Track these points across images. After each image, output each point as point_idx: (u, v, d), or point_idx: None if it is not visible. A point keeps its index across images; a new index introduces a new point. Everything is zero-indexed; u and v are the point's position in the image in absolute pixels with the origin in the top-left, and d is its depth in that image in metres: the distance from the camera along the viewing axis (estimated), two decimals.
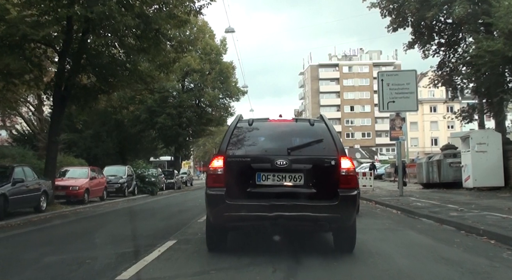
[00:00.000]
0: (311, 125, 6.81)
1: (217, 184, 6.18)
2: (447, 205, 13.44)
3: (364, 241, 7.29)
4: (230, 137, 6.50)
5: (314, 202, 6.03)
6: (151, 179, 27.99)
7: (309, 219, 6.08)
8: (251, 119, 6.97)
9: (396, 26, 24.17)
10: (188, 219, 11.20)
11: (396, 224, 10.36)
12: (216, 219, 6.31)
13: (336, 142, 6.37)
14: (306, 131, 6.78)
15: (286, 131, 6.78)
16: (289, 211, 5.96)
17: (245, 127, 6.72)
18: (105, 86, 17.97)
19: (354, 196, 6.26)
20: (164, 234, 8.58)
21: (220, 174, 6.17)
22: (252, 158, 6.23)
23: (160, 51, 16.89)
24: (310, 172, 6.11)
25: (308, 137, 6.56)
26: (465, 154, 20.66)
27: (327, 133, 6.50)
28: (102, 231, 9.53)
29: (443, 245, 7.31)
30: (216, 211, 6.22)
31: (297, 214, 5.97)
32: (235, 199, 6.04)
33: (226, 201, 6.03)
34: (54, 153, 17.00)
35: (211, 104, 40.24)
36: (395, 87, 18.50)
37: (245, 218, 6.09)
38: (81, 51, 16.55)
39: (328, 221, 6.12)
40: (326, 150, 6.32)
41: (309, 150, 6.35)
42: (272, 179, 6.11)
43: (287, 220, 6.00)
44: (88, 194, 19.18)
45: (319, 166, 6.19)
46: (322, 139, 6.43)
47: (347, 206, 6.12)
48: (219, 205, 6.10)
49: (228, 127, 7.03)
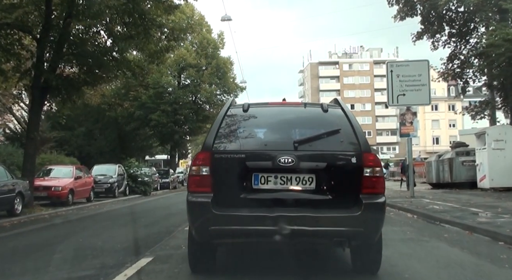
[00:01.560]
0: (325, 111, 5.25)
1: (202, 188, 4.73)
2: (469, 209, 11.96)
3: (388, 258, 5.75)
4: (219, 128, 4.97)
5: (330, 212, 4.61)
6: (144, 178, 26.54)
7: (322, 235, 4.67)
8: (246, 103, 5.43)
9: (404, 15, 22.70)
10: (175, 226, 9.66)
11: (419, 232, 8.84)
12: (200, 234, 4.82)
13: (357, 133, 4.86)
14: (319, 119, 5.26)
15: (292, 119, 5.30)
16: (298, 224, 4.52)
17: (239, 115, 5.20)
18: (89, 77, 16.47)
19: (382, 204, 4.77)
20: (140, 247, 7.04)
21: (205, 175, 4.72)
22: (248, 154, 4.77)
23: (150, 39, 15.44)
24: (324, 173, 4.69)
25: (321, 127, 5.05)
26: (480, 152, 19.12)
27: (346, 122, 4.99)
28: (66, 243, 7.94)
29: (490, 264, 5.81)
30: (200, 224, 4.74)
31: (307, 229, 4.53)
32: (224, 208, 4.60)
33: (213, 210, 4.58)
34: (33, 150, 15.45)
35: (208, 101, 38.70)
36: (405, 79, 16.95)
37: (237, 233, 4.63)
38: (63, 39, 15.09)
39: (347, 237, 4.67)
40: (345, 143, 4.86)
41: (323, 144, 4.87)
42: (273, 182, 4.70)
43: (293, 236, 4.57)
44: (73, 195, 17.65)
45: (336, 165, 4.76)
46: (339, 130, 4.94)
47: (372, 217, 4.64)
48: (203, 215, 4.65)
49: (217, 115, 5.42)
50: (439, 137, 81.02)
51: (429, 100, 17.30)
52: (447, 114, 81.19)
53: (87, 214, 14.74)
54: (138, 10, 14.53)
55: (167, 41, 16.31)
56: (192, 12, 36.80)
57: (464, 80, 23.86)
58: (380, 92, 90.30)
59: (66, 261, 6.22)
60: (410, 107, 17.29)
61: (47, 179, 17.81)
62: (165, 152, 45.66)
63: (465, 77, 23.66)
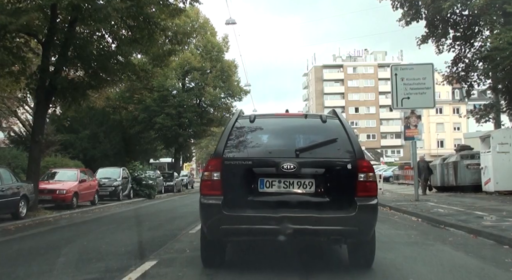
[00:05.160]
0: (323, 122, 5.84)
1: (213, 192, 5.33)
2: (474, 212, 11.94)
3: (393, 261, 5.77)
4: (228, 137, 5.59)
5: (328, 213, 5.18)
6: (148, 181, 26.49)
7: (321, 233, 5.31)
8: (253, 114, 6.14)
9: (409, 19, 22.62)
10: (179, 229, 9.66)
11: (423, 236, 8.82)
12: (211, 233, 5.44)
13: (352, 142, 5.48)
14: (318, 129, 5.86)
15: (294, 129, 5.92)
16: (298, 224, 5.09)
17: (246, 125, 5.82)
18: (94, 81, 16.48)
19: (375, 206, 5.33)
20: (145, 250, 7.04)
21: (216, 180, 5.32)
22: (254, 161, 5.36)
23: (154, 43, 15.47)
24: (323, 178, 5.27)
25: (320, 136, 5.65)
26: (485, 155, 19.06)
27: (342, 131, 5.59)
28: (70, 247, 7.94)
29: (495, 269, 5.78)
30: (212, 223, 5.36)
31: (307, 228, 5.13)
32: (233, 210, 5.19)
33: (223, 211, 5.18)
34: (37, 153, 15.48)
35: (212, 104, 38.63)
36: (410, 82, 16.95)
37: (245, 231, 5.25)
38: (68, 42, 15.16)
39: (343, 235, 5.31)
40: (341, 151, 5.47)
41: (322, 152, 5.45)
42: (277, 186, 5.27)
43: (295, 234, 5.14)
44: (77, 198, 17.67)
45: (333, 171, 5.34)
46: (336, 139, 5.54)
47: (366, 218, 5.23)
48: (214, 216, 5.25)
49: (226, 125, 6.09)
50: (444, 140, 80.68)
51: (433, 103, 17.26)
52: (451, 117, 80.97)
53: (92, 217, 14.76)
54: (142, 13, 14.57)
55: (171, 44, 16.31)
56: (197, 16, 36.87)
57: (468, 83, 23.76)
58: (385, 95, 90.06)
59: (70, 264, 6.24)
60: (415, 110, 17.26)
61: (52, 182, 17.86)
62: (170, 155, 45.62)
63: (470, 80, 23.56)
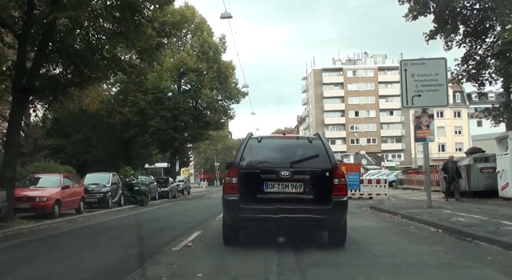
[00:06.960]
0: (310, 142, 8.21)
1: (232, 191, 7.54)
2: (501, 222, 10.51)
3: None
4: (243, 152, 7.79)
5: (312, 206, 7.42)
6: (140, 187, 24.93)
7: (308, 220, 7.48)
8: (260, 136, 8.44)
9: (416, 13, 21.25)
10: (161, 245, 8.11)
11: (455, 254, 7.32)
12: (231, 220, 7.74)
13: (330, 157, 7.71)
14: (306, 147, 8.12)
15: (289, 147, 8.22)
16: (292, 213, 7.34)
17: (255, 144, 8.03)
18: (77, 78, 15.10)
19: (345, 202, 7.71)
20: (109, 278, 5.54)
21: (235, 183, 7.56)
22: (261, 170, 7.59)
23: (141, 35, 14.05)
24: (309, 182, 7.51)
25: (307, 153, 7.87)
26: (501, 158, 17.61)
27: (323, 149, 7.82)
28: (21, 271, 6.40)
29: None
30: (231, 213, 7.62)
31: (298, 216, 7.38)
32: (247, 204, 7.40)
33: (239, 205, 7.41)
34: (13, 157, 14.02)
35: (209, 106, 37.02)
36: (421, 78, 15.56)
37: (255, 219, 7.49)
38: (47, 35, 13.80)
39: (323, 222, 7.55)
40: (322, 163, 7.66)
41: (308, 163, 7.73)
42: (277, 187, 7.49)
43: (290, 220, 7.43)
44: (60, 206, 16.17)
45: (316, 177, 7.58)
46: (318, 154, 7.74)
47: (339, 209, 7.56)
48: (234, 208, 7.49)
49: (240, 143, 8.42)
50: (445, 144, 79.06)
51: (447, 101, 15.87)
52: (452, 121, 79.67)
53: (71, 228, 13.23)
54: (128, 3, 13.20)
55: (158, 36, 14.90)
56: (193, 15, 35.54)
57: (479, 82, 22.36)
58: (385, 98, 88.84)
59: None
60: (427, 109, 15.84)
61: (32, 188, 16.39)
62: (166, 160, 44.12)
63: (481, 78, 22.18)
